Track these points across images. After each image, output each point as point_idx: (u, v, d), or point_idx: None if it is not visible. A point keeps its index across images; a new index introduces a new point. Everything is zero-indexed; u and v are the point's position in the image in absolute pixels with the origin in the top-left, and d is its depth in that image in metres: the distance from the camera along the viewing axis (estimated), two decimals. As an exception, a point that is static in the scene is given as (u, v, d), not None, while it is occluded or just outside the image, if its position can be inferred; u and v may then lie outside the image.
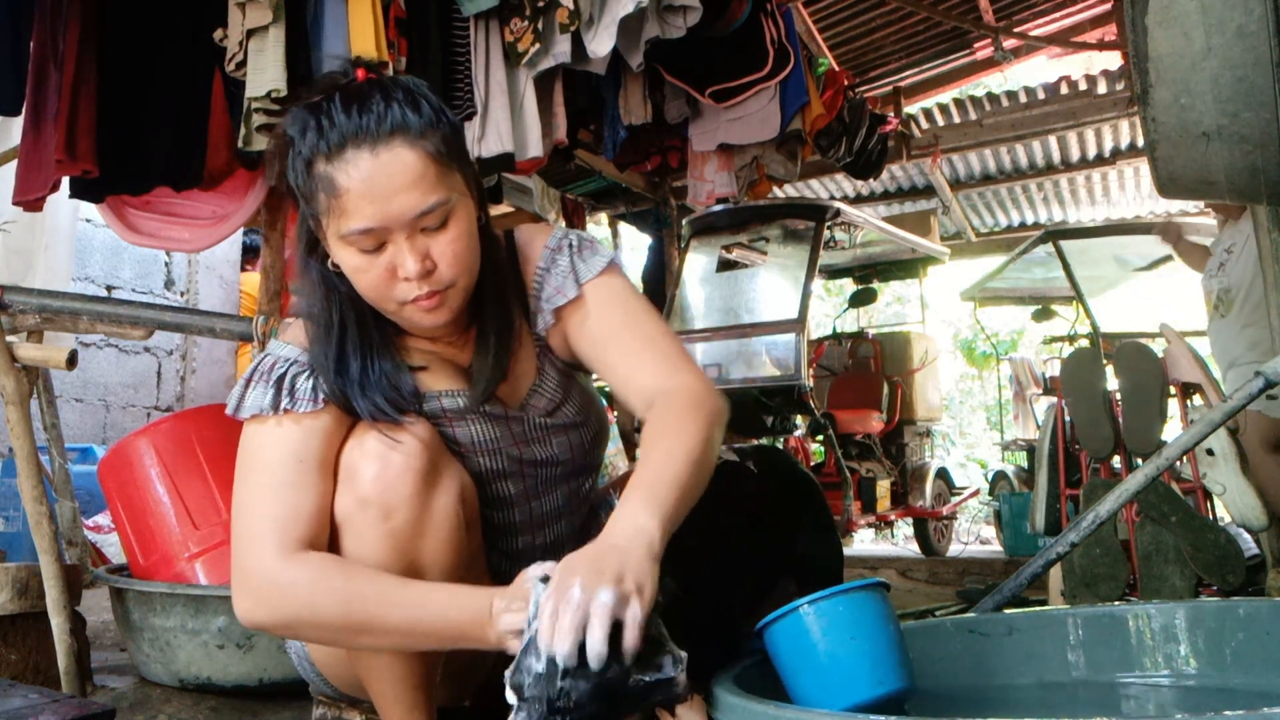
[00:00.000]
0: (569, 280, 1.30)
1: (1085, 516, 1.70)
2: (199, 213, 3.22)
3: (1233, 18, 1.36)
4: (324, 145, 1.12)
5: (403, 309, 1.18)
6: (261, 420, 1.18)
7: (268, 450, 1.18)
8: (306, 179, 1.15)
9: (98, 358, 5.15)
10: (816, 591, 1.31)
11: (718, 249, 5.59)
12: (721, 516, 1.20)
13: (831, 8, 5.80)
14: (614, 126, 3.34)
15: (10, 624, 1.95)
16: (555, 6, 2.57)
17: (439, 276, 1.15)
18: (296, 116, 1.16)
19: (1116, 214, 7.66)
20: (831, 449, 5.50)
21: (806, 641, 1.03)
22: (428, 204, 1.12)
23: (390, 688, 1.20)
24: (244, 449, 1.20)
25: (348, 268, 1.16)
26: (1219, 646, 1.21)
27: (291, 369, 1.21)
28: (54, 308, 2.21)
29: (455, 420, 1.26)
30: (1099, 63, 6.29)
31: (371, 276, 1.15)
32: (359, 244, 1.13)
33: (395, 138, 1.11)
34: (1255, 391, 1.63)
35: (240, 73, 2.44)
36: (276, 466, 1.16)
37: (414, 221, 1.12)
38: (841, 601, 1.03)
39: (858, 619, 1.03)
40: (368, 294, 1.18)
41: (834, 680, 1.02)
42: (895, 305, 11.34)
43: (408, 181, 1.11)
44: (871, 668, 1.02)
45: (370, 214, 1.10)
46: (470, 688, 1.40)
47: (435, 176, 1.13)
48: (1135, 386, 2.69)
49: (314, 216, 1.17)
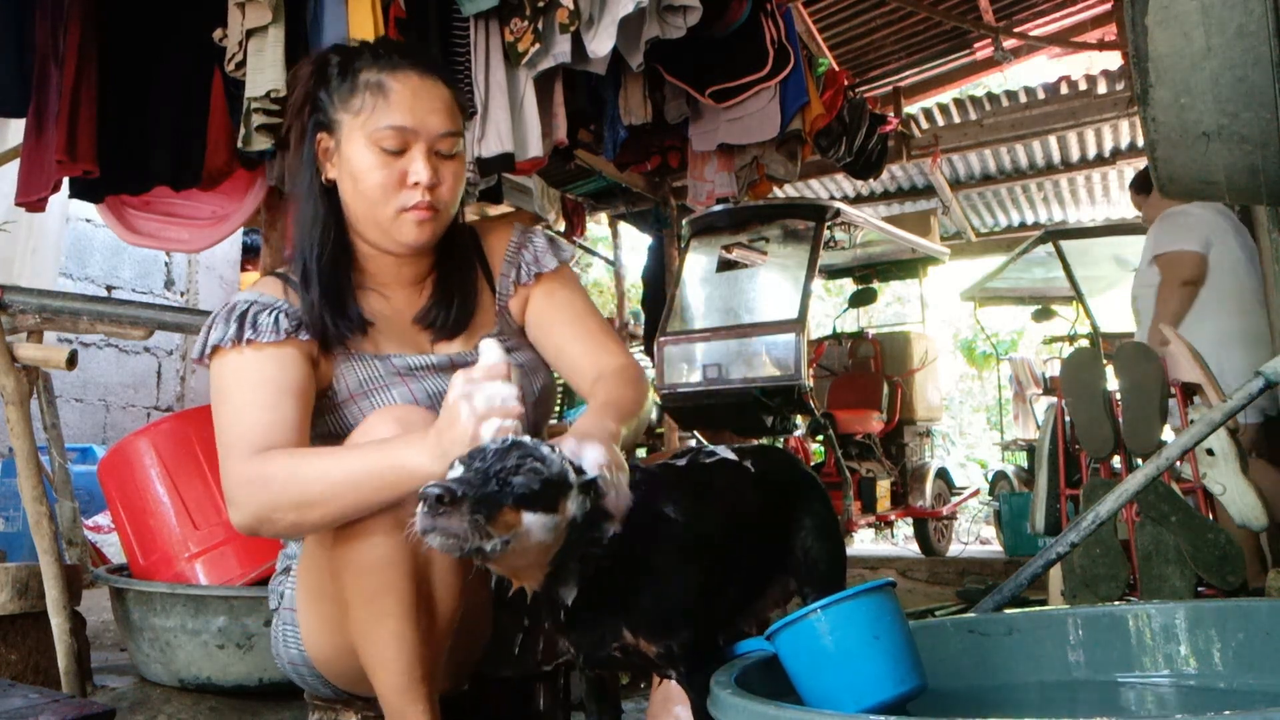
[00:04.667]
0: (534, 265, 1.49)
1: (1085, 516, 1.70)
2: (199, 213, 3.22)
3: (1233, 18, 1.36)
4: (382, 61, 1.33)
5: (398, 216, 1.32)
6: (224, 352, 1.28)
7: (232, 377, 1.28)
8: (348, 85, 1.32)
9: (98, 358, 5.15)
10: (813, 590, 1.31)
11: (718, 249, 5.59)
12: (718, 516, 1.21)
13: (831, 8, 5.80)
14: (614, 126, 3.33)
15: (10, 624, 1.95)
16: (555, 6, 2.57)
17: (440, 194, 1.33)
18: (342, 46, 1.39)
19: (1116, 214, 7.65)
20: (831, 449, 5.50)
21: (829, 642, 1.03)
22: (451, 128, 1.34)
23: (395, 678, 1.21)
24: (214, 385, 1.29)
25: (361, 167, 1.31)
26: (1219, 646, 1.21)
27: (252, 308, 1.31)
28: (54, 308, 2.21)
29: (406, 377, 1.37)
30: (1099, 63, 6.29)
31: (383, 176, 1.31)
32: (387, 141, 1.30)
33: (438, 74, 1.36)
34: (1255, 391, 1.63)
35: (240, 73, 2.44)
36: (247, 389, 1.26)
37: (437, 139, 1.32)
38: (864, 602, 1.04)
39: (879, 618, 1.04)
40: (371, 195, 1.31)
41: (859, 680, 1.03)
42: (895, 305, 11.33)
43: (441, 106, 1.34)
44: (894, 666, 1.03)
45: (408, 117, 1.30)
46: (467, 673, 1.41)
47: (456, 115, 1.37)
48: (1135, 386, 2.69)
49: (332, 124, 1.33)
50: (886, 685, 1.03)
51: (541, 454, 1.02)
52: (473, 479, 0.98)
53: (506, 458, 1.00)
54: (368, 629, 1.20)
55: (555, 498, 1.01)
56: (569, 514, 1.02)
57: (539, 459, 1.01)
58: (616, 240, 7.44)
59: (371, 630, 1.20)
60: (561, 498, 1.02)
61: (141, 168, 2.76)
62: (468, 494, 0.96)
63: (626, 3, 2.54)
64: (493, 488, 0.98)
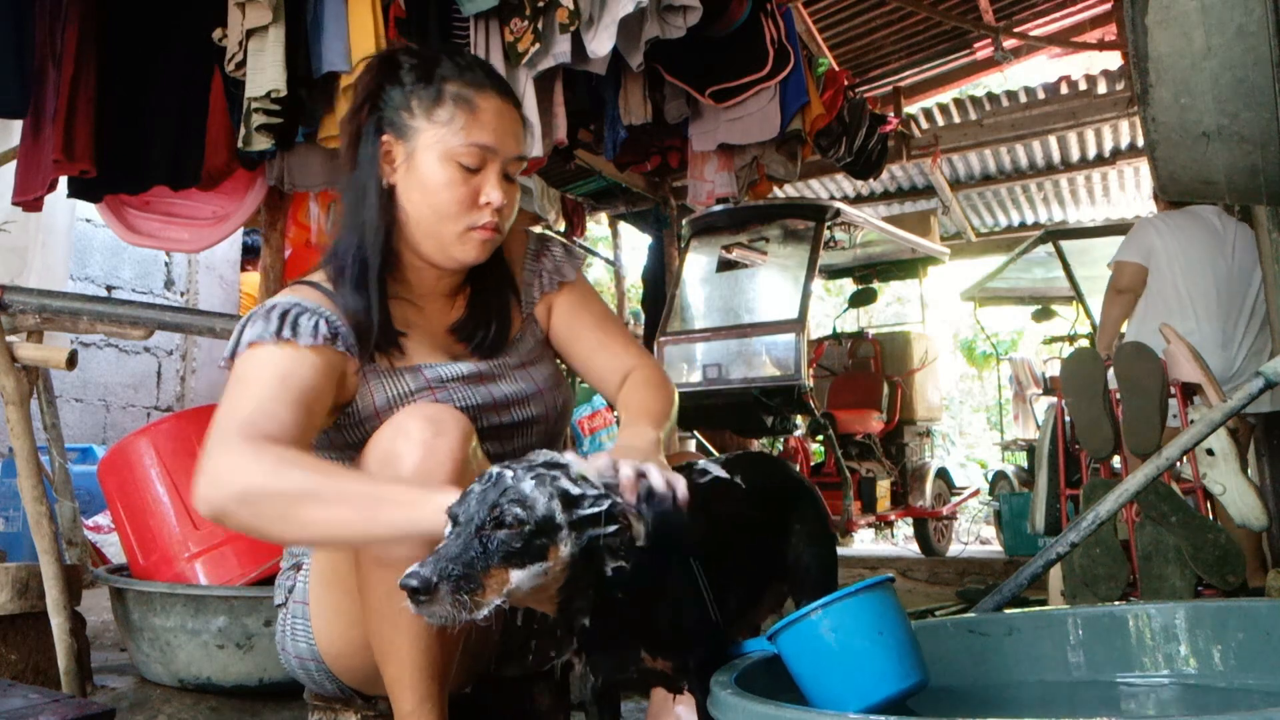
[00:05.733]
0: (556, 274, 1.53)
1: (1085, 516, 1.70)
2: (199, 213, 3.22)
3: (1233, 18, 1.36)
4: (467, 76, 1.35)
5: (466, 233, 1.34)
6: (258, 346, 1.24)
7: (255, 369, 1.23)
8: (432, 93, 1.33)
9: (98, 358, 5.15)
10: (806, 596, 1.32)
11: (718, 249, 5.59)
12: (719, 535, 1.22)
13: (831, 8, 5.80)
14: (614, 126, 3.33)
15: (10, 624, 1.95)
16: (555, 6, 2.57)
17: (504, 216, 1.36)
18: (420, 51, 1.39)
19: (1116, 214, 7.65)
20: (831, 449, 5.50)
21: (831, 640, 1.03)
22: (522, 152, 1.39)
23: (407, 674, 1.20)
24: (235, 374, 1.25)
25: (437, 180, 1.32)
26: (1219, 646, 1.21)
27: (294, 309, 1.28)
28: (54, 308, 2.21)
29: (437, 389, 1.35)
30: (1099, 63, 6.28)
31: (458, 193, 1.32)
32: (468, 158, 1.32)
33: (513, 98, 1.40)
34: (1255, 391, 1.64)
35: (240, 73, 2.44)
36: (269, 381, 1.21)
37: (509, 162, 1.36)
38: (865, 599, 1.04)
39: (882, 615, 1.04)
40: (443, 210, 1.32)
41: (862, 677, 1.03)
42: (895, 305, 11.32)
43: (518, 131, 1.38)
44: (898, 661, 1.03)
45: (492, 137, 1.32)
46: (473, 676, 1.41)
47: (524, 140, 1.41)
48: (1135, 386, 2.68)
49: (405, 130, 1.33)
50: (890, 681, 1.03)
51: (522, 494, 0.98)
52: (451, 550, 0.95)
53: (489, 502, 0.98)
54: (385, 625, 1.20)
55: (543, 548, 0.98)
56: (562, 556, 0.99)
57: (521, 501, 0.98)
58: (616, 240, 7.44)
59: (389, 627, 1.20)
60: (551, 545, 0.98)
61: (139, 167, 2.75)
62: (445, 576, 0.93)
63: (626, 3, 2.54)
64: (474, 552, 0.95)
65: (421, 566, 0.94)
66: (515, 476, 1.00)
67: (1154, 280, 3.48)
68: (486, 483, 1.01)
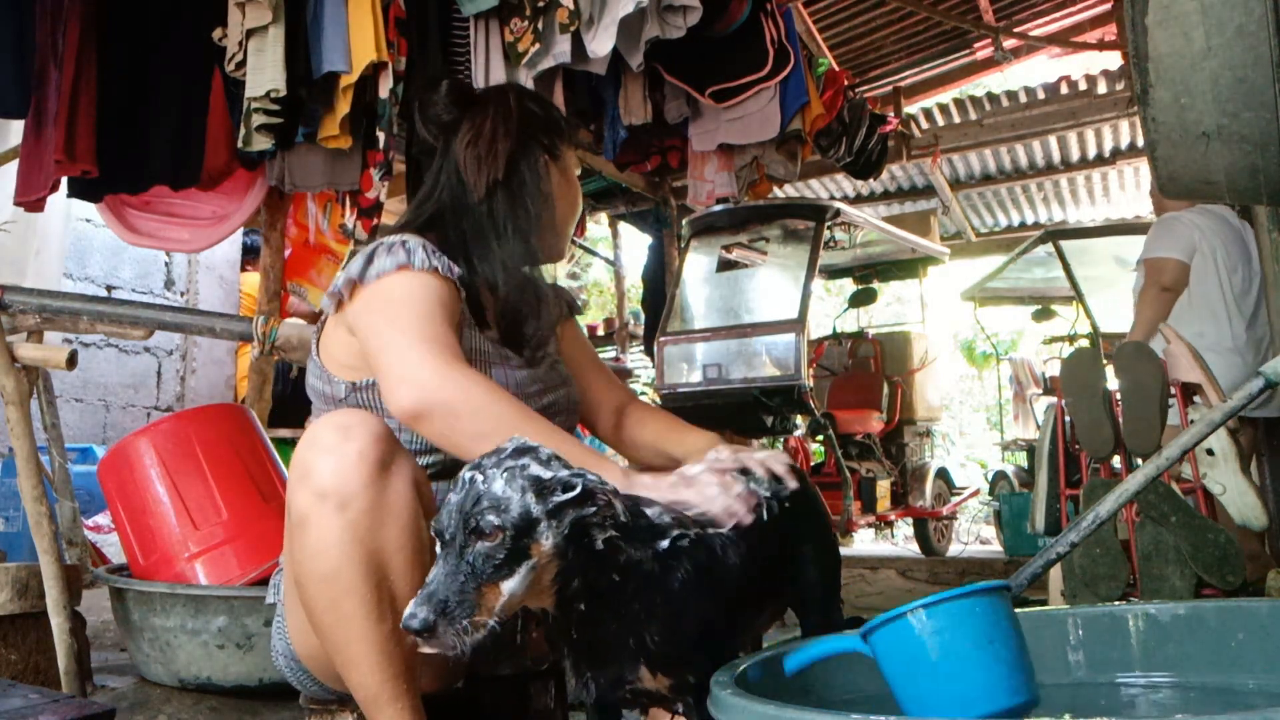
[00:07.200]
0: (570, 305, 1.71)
1: (1085, 516, 1.69)
2: (199, 213, 3.22)
3: (1233, 18, 1.36)
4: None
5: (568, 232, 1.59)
6: (404, 270, 1.33)
7: (416, 290, 1.32)
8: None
9: (98, 358, 5.15)
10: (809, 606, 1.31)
11: (718, 249, 5.58)
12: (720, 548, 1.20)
13: (831, 8, 5.81)
14: (614, 126, 3.33)
15: (10, 624, 1.95)
16: (555, 6, 2.57)
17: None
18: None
19: (1116, 214, 7.65)
20: (831, 449, 5.50)
21: (935, 643, 0.94)
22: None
23: (367, 678, 1.20)
24: (385, 295, 1.32)
25: (570, 183, 1.57)
26: (1219, 646, 1.21)
27: (416, 243, 1.37)
28: (54, 308, 2.21)
29: (490, 364, 1.43)
30: (1099, 63, 6.28)
31: (576, 197, 1.59)
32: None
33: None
34: (1255, 391, 1.63)
35: (240, 73, 2.44)
36: (435, 303, 1.32)
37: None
38: (979, 602, 0.95)
39: (995, 622, 0.96)
40: (567, 206, 1.57)
41: (965, 686, 0.94)
42: (895, 305, 11.32)
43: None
44: (1009, 675, 0.95)
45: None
46: (459, 671, 1.41)
47: None
48: (1135, 386, 2.68)
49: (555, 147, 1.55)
50: (999, 695, 0.94)
51: (495, 497, 0.99)
52: (441, 578, 0.97)
53: (464, 512, 0.98)
54: (333, 634, 1.20)
55: (523, 550, 0.99)
56: (546, 549, 1.00)
57: (495, 505, 0.98)
58: (616, 240, 7.44)
59: (337, 635, 1.20)
60: (532, 542, 0.99)
61: (140, 167, 2.76)
62: (440, 611, 0.95)
63: (626, 3, 2.54)
64: (463, 575, 0.96)
65: (419, 606, 0.96)
66: (485, 478, 1.01)
67: (1196, 279, 3.34)
68: (460, 490, 1.01)
